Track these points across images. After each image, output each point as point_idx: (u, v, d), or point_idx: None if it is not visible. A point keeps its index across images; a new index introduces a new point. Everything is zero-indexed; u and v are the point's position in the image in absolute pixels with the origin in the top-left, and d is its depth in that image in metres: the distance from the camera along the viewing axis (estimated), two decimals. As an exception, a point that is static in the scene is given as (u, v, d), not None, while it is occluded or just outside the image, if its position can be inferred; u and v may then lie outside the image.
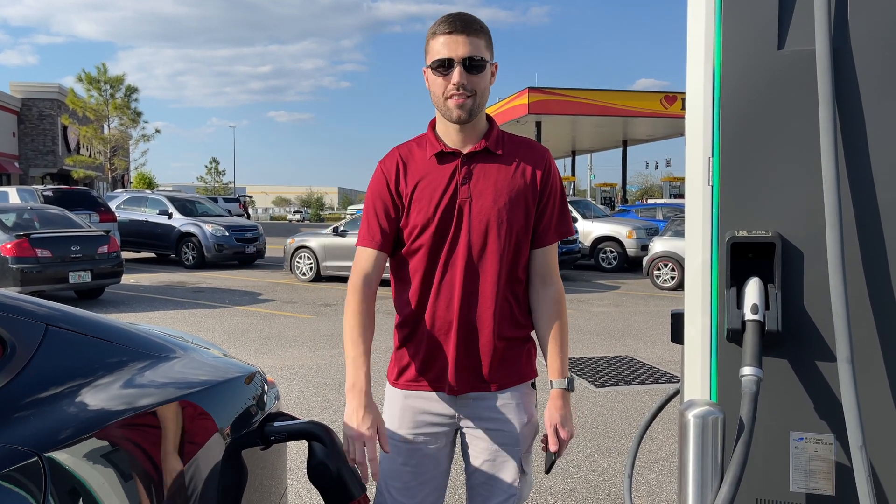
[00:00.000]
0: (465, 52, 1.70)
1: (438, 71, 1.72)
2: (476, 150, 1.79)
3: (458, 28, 1.70)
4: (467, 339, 1.79)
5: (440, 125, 1.83)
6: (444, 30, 1.71)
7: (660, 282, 12.81)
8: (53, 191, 15.64)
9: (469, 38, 1.70)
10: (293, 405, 5.34)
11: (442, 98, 1.74)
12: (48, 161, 38.89)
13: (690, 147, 1.64)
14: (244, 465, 1.71)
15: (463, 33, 1.70)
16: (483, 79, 1.74)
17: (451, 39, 1.70)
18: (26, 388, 1.32)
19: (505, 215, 1.76)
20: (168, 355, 1.74)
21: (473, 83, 1.72)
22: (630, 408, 5.34)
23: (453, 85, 1.71)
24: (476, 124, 1.80)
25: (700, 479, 1.44)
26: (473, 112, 1.75)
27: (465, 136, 1.79)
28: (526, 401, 1.86)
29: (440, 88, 1.74)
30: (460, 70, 1.70)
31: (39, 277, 9.57)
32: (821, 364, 1.51)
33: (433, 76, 1.74)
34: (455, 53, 1.70)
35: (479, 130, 1.81)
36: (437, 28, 1.73)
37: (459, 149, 1.79)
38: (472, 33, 1.71)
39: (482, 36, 1.73)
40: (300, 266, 13.47)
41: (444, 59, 1.71)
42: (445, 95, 1.73)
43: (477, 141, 1.80)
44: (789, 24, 1.51)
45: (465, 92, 1.71)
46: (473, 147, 1.79)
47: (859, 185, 1.47)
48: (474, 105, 1.74)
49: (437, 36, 1.72)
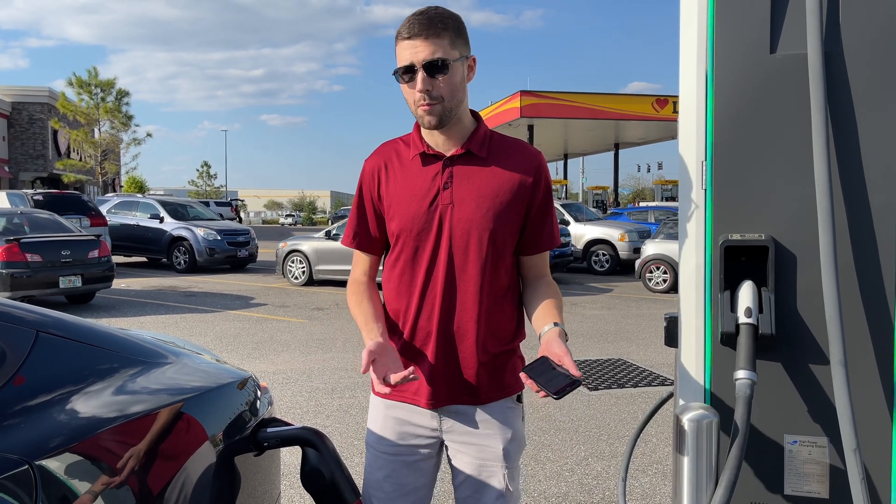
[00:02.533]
0: (425, 56, 1.59)
1: (404, 79, 1.64)
2: (458, 154, 1.71)
3: (416, 31, 1.60)
4: (447, 350, 1.72)
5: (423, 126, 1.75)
6: (403, 34, 1.62)
7: (652, 284, 12.84)
8: (44, 195, 15.55)
9: (429, 41, 1.59)
10: (286, 410, 5.32)
11: (413, 106, 1.67)
12: (38, 165, 38.71)
13: (684, 151, 1.64)
14: (237, 472, 1.70)
15: (421, 36, 1.59)
16: (450, 80, 1.63)
17: (411, 45, 1.61)
18: (17, 395, 1.30)
19: (488, 223, 1.68)
20: (160, 361, 1.72)
21: (439, 87, 1.62)
22: (624, 411, 5.34)
23: (418, 92, 1.62)
24: (458, 124, 1.71)
25: (695, 483, 1.44)
26: (445, 116, 1.65)
27: (447, 137, 1.71)
28: (510, 415, 1.78)
29: (409, 96, 1.66)
30: (422, 76, 1.60)
31: (29, 282, 9.51)
32: (814, 367, 1.51)
33: (401, 84, 1.67)
34: (416, 58, 1.60)
35: (464, 132, 1.73)
36: (399, 32, 1.64)
37: (443, 151, 1.72)
38: (433, 34, 1.60)
39: (445, 34, 1.61)
40: (292, 270, 13.44)
41: (404, 66, 1.62)
42: (416, 104, 1.65)
43: (461, 142, 1.72)
44: (781, 29, 1.52)
45: (430, 99, 1.62)
46: (456, 150, 1.71)
47: (851, 188, 1.47)
48: (444, 110, 1.64)
49: (399, 41, 1.63)
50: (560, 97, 24.61)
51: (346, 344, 7.82)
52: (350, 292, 1.83)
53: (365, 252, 1.83)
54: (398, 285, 1.77)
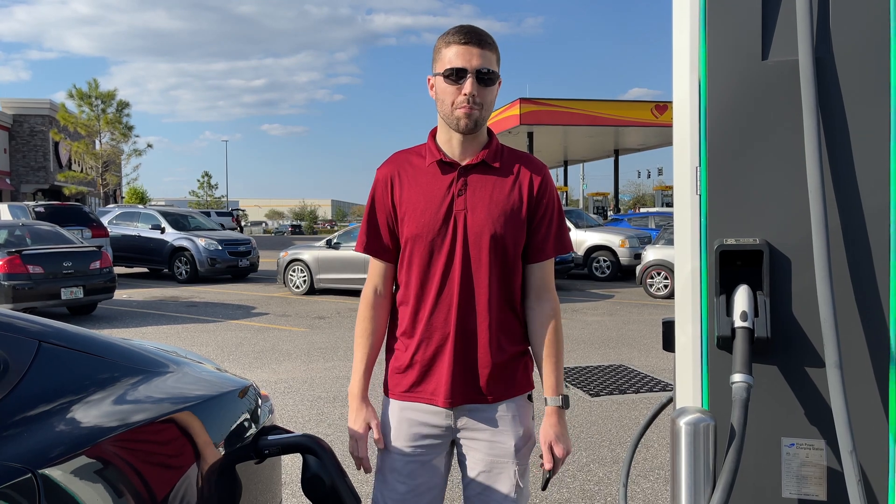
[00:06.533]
0: (478, 64, 1.72)
1: (450, 80, 1.73)
2: (474, 163, 1.80)
3: (473, 40, 1.73)
4: (464, 351, 1.79)
5: (441, 135, 1.84)
6: (458, 40, 1.73)
7: (653, 290, 12.84)
8: (45, 207, 15.59)
9: (482, 51, 1.73)
10: (287, 419, 5.33)
11: (450, 107, 1.76)
12: (40, 177, 38.78)
13: (678, 157, 1.66)
14: (238, 480, 1.71)
15: (477, 45, 1.73)
16: (491, 92, 1.77)
17: (466, 50, 1.72)
18: (20, 405, 1.32)
19: (499, 228, 1.76)
20: (161, 370, 1.74)
21: (483, 95, 1.74)
22: (625, 416, 5.34)
23: (464, 95, 1.72)
24: (478, 136, 1.82)
25: (693, 486, 1.44)
26: (479, 123, 1.77)
27: (465, 147, 1.81)
28: (522, 413, 1.85)
29: (450, 97, 1.75)
30: (472, 81, 1.72)
31: (31, 294, 9.52)
32: (810, 370, 1.52)
33: (444, 84, 1.75)
34: (469, 64, 1.72)
35: (480, 143, 1.83)
36: (452, 38, 1.74)
37: (458, 160, 1.81)
38: (486, 46, 1.74)
39: (494, 51, 1.76)
40: (293, 279, 13.45)
41: (457, 68, 1.72)
42: (455, 105, 1.74)
43: (476, 153, 1.81)
44: (773, 36, 1.54)
45: (474, 103, 1.73)
46: (472, 159, 1.80)
47: (844, 192, 1.49)
48: (480, 116, 1.76)
49: (451, 45, 1.74)
50: (559, 104, 24.67)
51: (347, 353, 7.83)
52: (359, 315, 1.92)
53: (378, 259, 1.90)
54: (414, 288, 1.83)
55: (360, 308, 1.91)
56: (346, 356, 7.63)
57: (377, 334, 1.90)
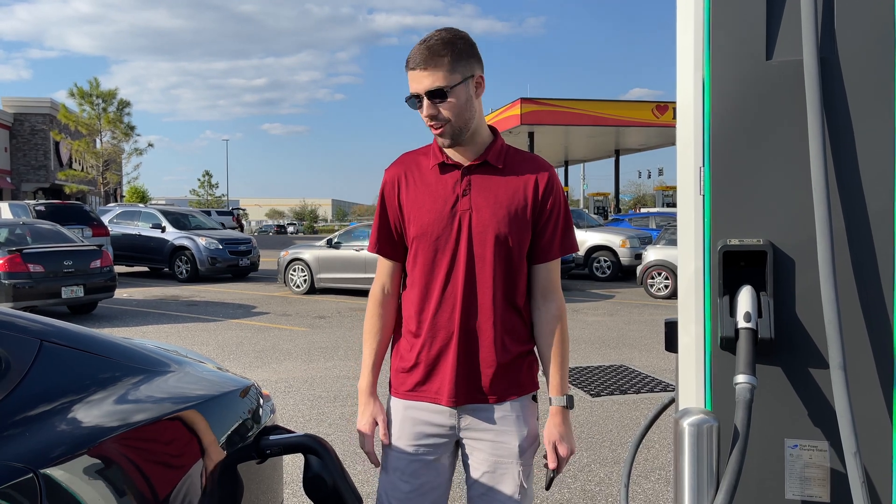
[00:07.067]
0: (428, 85, 1.72)
1: (414, 105, 1.78)
2: (476, 164, 1.81)
3: (418, 62, 1.72)
4: (468, 350, 1.80)
5: None
6: (409, 66, 1.75)
7: (654, 290, 12.84)
8: (46, 205, 15.60)
9: (428, 71, 1.71)
10: (288, 418, 5.32)
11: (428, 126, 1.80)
12: (40, 176, 38.79)
13: (681, 157, 1.66)
14: (240, 480, 1.71)
15: (421, 66, 1.72)
16: (454, 103, 1.73)
17: (415, 75, 1.73)
18: (21, 404, 1.31)
19: (503, 228, 1.77)
20: (162, 370, 1.73)
21: (446, 109, 1.74)
22: (626, 417, 5.34)
23: (426, 118, 1.76)
24: (474, 139, 1.82)
25: (696, 488, 1.44)
26: (456, 135, 1.77)
27: (465, 150, 1.82)
28: (526, 413, 1.85)
29: (423, 120, 1.79)
30: (427, 103, 1.74)
31: (32, 293, 9.52)
32: (814, 371, 1.52)
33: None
34: (419, 88, 1.73)
35: (481, 143, 1.83)
36: (407, 63, 1.76)
37: (461, 161, 1.82)
38: (431, 64, 1.71)
39: (442, 62, 1.71)
40: (294, 279, 13.45)
41: (412, 95, 1.76)
42: (427, 125, 1.79)
43: (479, 154, 1.82)
44: (777, 35, 1.53)
45: (437, 122, 1.75)
46: (474, 160, 1.82)
47: (849, 193, 1.48)
48: (454, 129, 1.76)
49: (407, 71, 1.76)
50: (560, 104, 24.65)
51: (347, 352, 7.83)
52: (367, 313, 1.94)
53: (388, 258, 1.92)
54: (419, 287, 1.84)
55: (369, 306, 1.94)
56: (346, 356, 7.63)
57: (385, 331, 1.92)
